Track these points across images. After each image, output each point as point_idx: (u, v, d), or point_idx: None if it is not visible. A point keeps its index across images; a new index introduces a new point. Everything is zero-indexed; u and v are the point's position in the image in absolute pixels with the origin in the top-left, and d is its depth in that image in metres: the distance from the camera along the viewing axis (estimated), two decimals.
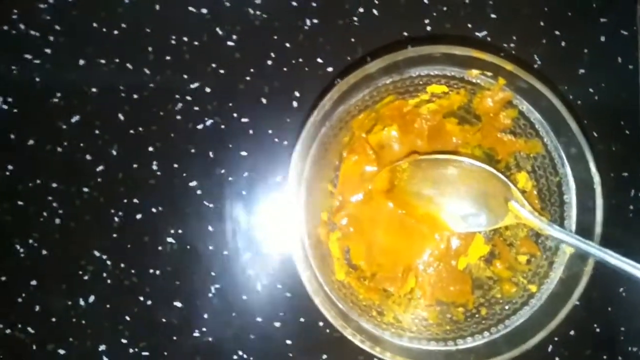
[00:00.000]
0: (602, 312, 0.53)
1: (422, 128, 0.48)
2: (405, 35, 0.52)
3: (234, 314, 0.51)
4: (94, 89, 0.51)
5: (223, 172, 0.51)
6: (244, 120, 0.51)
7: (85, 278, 0.50)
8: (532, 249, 0.46)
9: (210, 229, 0.51)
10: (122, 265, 0.50)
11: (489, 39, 0.53)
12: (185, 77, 0.51)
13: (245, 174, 0.51)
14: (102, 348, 0.50)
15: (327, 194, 0.48)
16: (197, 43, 0.51)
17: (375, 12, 0.52)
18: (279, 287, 0.51)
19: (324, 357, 0.51)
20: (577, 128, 0.42)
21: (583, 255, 0.42)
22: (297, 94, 0.51)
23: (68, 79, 0.51)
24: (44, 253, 0.50)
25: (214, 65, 0.51)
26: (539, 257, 0.46)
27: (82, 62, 0.51)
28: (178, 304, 0.51)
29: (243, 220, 0.51)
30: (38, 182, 0.50)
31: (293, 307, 0.51)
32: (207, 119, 0.51)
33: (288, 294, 0.51)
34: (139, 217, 0.51)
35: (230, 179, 0.51)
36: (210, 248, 0.51)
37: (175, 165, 0.51)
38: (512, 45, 0.52)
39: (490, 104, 0.45)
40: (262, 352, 0.51)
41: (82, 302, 0.50)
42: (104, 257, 0.50)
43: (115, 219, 0.51)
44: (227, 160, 0.51)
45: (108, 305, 0.50)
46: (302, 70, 0.51)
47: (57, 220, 0.50)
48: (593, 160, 0.42)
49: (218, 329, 0.51)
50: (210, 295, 0.51)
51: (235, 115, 0.51)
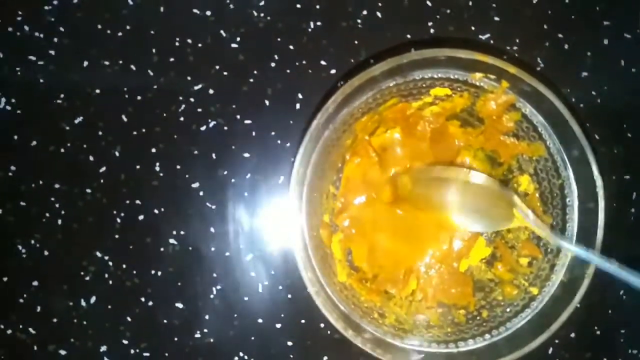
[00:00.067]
0: (602, 314, 0.53)
1: (425, 131, 0.48)
2: (409, 38, 0.52)
3: (236, 315, 0.51)
4: (98, 90, 0.51)
5: (225, 173, 0.51)
6: (247, 122, 0.51)
7: (87, 279, 0.50)
8: (533, 252, 0.46)
9: (212, 231, 0.51)
10: (123, 266, 0.51)
11: (492, 42, 0.53)
12: (189, 78, 0.51)
13: (248, 176, 0.51)
14: (103, 349, 0.50)
15: (329, 196, 0.48)
16: (200, 45, 0.51)
17: (379, 14, 0.52)
18: (280, 288, 0.51)
19: (325, 358, 0.51)
20: (579, 131, 0.42)
21: (584, 259, 0.42)
22: (300, 96, 0.51)
23: (72, 80, 0.51)
24: (46, 254, 0.50)
25: (218, 67, 0.51)
26: (541, 259, 0.46)
27: (85, 63, 0.51)
28: (179, 305, 0.51)
29: (245, 222, 0.51)
30: (41, 182, 0.50)
31: (294, 308, 0.51)
32: (210, 121, 0.51)
33: (289, 296, 0.51)
34: (141, 218, 0.51)
35: (233, 181, 0.51)
36: (212, 249, 0.51)
37: (178, 167, 0.51)
38: (515, 48, 0.53)
39: (494, 107, 0.45)
40: (263, 353, 0.51)
41: (83, 302, 0.50)
42: (106, 258, 0.50)
43: (118, 220, 0.51)
44: (229, 162, 0.51)
45: (109, 306, 0.50)
46: (305, 73, 0.51)
47: (59, 221, 0.50)
48: (596, 164, 0.42)
49: (219, 330, 0.51)
50: (212, 297, 0.51)
51: (238, 117, 0.51)
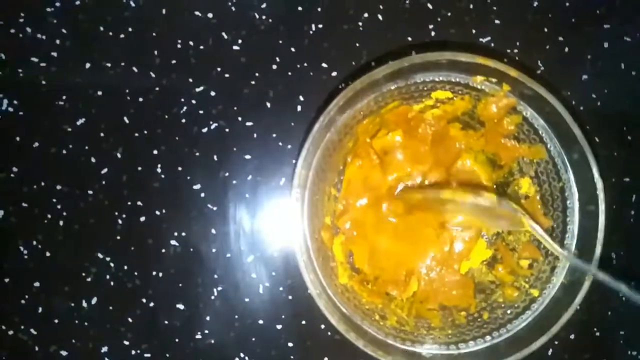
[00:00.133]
0: (602, 316, 0.53)
1: (426, 133, 0.48)
2: (410, 41, 0.52)
3: (236, 316, 0.51)
4: (100, 92, 0.51)
5: (227, 175, 0.51)
6: (249, 124, 0.51)
7: (89, 280, 0.50)
8: (534, 254, 0.47)
9: (214, 232, 0.51)
10: (125, 268, 0.51)
11: (493, 45, 0.53)
12: (191, 80, 0.51)
13: (249, 177, 0.51)
14: (104, 350, 0.50)
15: (331, 198, 0.48)
16: (202, 47, 0.51)
17: (380, 17, 0.52)
18: (281, 289, 0.51)
19: (325, 359, 0.51)
20: (580, 134, 0.42)
21: (585, 261, 0.42)
22: (301, 98, 0.51)
23: (74, 82, 0.51)
24: (48, 255, 0.50)
25: (219, 69, 0.51)
26: (541, 262, 0.46)
27: (87, 65, 0.51)
28: (181, 306, 0.51)
29: (246, 223, 0.51)
30: (42, 184, 0.51)
31: (295, 309, 0.51)
32: (211, 123, 0.51)
33: (290, 297, 0.51)
34: (143, 219, 0.51)
35: (234, 182, 0.51)
36: (214, 251, 0.51)
37: (180, 168, 0.51)
38: (515, 51, 0.53)
39: (495, 110, 0.45)
40: (263, 354, 0.51)
41: (84, 303, 0.50)
42: (108, 259, 0.51)
43: (119, 222, 0.51)
44: (231, 164, 0.51)
45: (111, 307, 0.51)
46: (306, 75, 0.52)
47: (60, 222, 0.51)
48: (596, 166, 0.42)
49: (220, 331, 0.51)
50: (213, 298, 0.51)
51: (240, 119, 0.51)
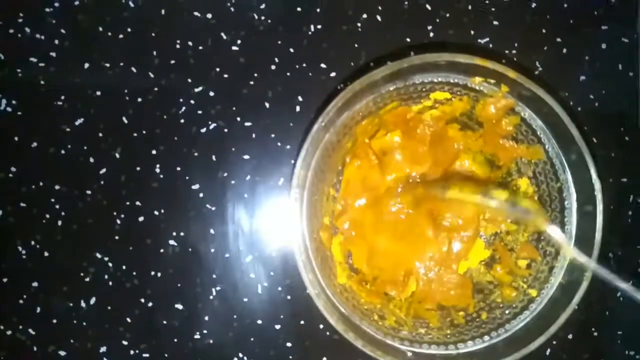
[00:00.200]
0: (600, 316, 0.53)
1: (425, 134, 0.48)
2: (408, 42, 0.52)
3: (235, 316, 0.51)
4: (98, 92, 0.51)
5: (226, 175, 0.51)
6: (247, 124, 0.51)
7: (87, 280, 0.50)
8: (532, 254, 0.47)
9: (212, 232, 0.51)
10: (123, 268, 0.51)
11: (491, 46, 0.53)
12: (189, 81, 0.51)
13: (248, 177, 0.51)
14: (102, 350, 0.50)
15: (329, 199, 0.48)
16: (201, 47, 0.51)
17: (379, 18, 0.52)
18: (280, 289, 0.51)
19: (324, 359, 0.51)
20: (578, 135, 0.42)
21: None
22: (300, 99, 0.51)
23: (72, 82, 0.51)
24: (46, 255, 0.50)
25: (218, 70, 0.51)
26: (539, 262, 0.46)
27: (86, 65, 0.51)
28: (179, 306, 0.51)
29: (245, 223, 0.51)
30: (41, 184, 0.50)
31: (293, 309, 0.51)
32: (210, 123, 0.51)
33: (289, 297, 0.51)
34: (141, 219, 0.51)
35: (233, 182, 0.51)
36: (212, 251, 0.51)
37: (178, 169, 0.51)
38: (513, 52, 0.53)
39: (493, 111, 0.45)
40: (262, 354, 0.51)
41: (83, 303, 0.50)
42: (106, 259, 0.51)
43: (118, 222, 0.51)
44: (229, 164, 0.51)
45: (109, 307, 0.51)
46: (305, 75, 0.52)
47: (59, 222, 0.50)
48: (594, 167, 0.42)
49: (219, 331, 0.51)
50: (211, 298, 0.51)
51: (239, 119, 0.51)
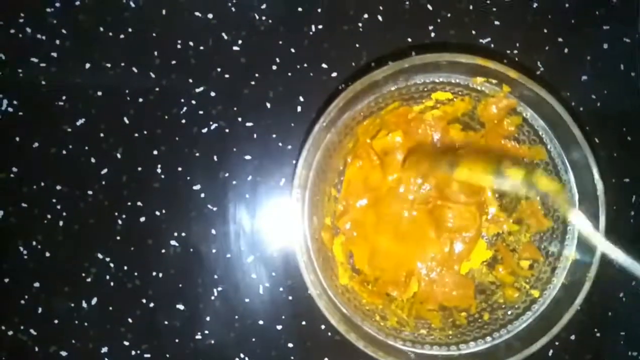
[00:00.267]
0: (602, 316, 0.53)
1: (426, 134, 0.48)
2: (410, 42, 0.52)
3: (236, 317, 0.51)
4: (99, 92, 0.51)
5: (227, 175, 0.51)
6: (249, 125, 0.51)
7: (88, 280, 0.50)
8: (534, 255, 0.47)
9: (214, 232, 0.51)
10: (125, 268, 0.51)
11: (493, 46, 0.53)
12: (191, 81, 0.51)
13: (249, 178, 0.51)
14: (104, 350, 0.50)
15: (331, 199, 0.48)
16: (202, 47, 0.51)
17: (380, 18, 0.52)
18: (281, 290, 0.51)
19: None
20: (580, 135, 0.42)
21: (586, 262, 0.42)
22: (301, 99, 0.51)
23: (73, 82, 0.51)
24: (47, 255, 0.50)
25: (219, 70, 0.51)
26: (542, 262, 0.46)
27: (87, 65, 0.51)
28: (181, 307, 0.51)
29: (246, 224, 0.51)
30: (42, 184, 0.51)
31: (295, 310, 0.51)
32: (211, 123, 0.51)
33: (290, 297, 0.51)
34: (143, 220, 0.51)
35: (234, 183, 0.51)
36: (214, 251, 0.51)
37: (180, 169, 0.51)
38: (515, 52, 0.53)
39: (495, 111, 0.45)
40: (264, 355, 0.51)
41: (84, 304, 0.50)
42: (107, 259, 0.51)
43: (119, 222, 0.51)
44: (231, 164, 0.51)
45: (110, 308, 0.50)
46: (306, 76, 0.52)
47: (60, 223, 0.50)
48: (596, 167, 0.42)
49: (220, 332, 0.51)
50: (213, 298, 0.51)
51: (240, 120, 0.51)
